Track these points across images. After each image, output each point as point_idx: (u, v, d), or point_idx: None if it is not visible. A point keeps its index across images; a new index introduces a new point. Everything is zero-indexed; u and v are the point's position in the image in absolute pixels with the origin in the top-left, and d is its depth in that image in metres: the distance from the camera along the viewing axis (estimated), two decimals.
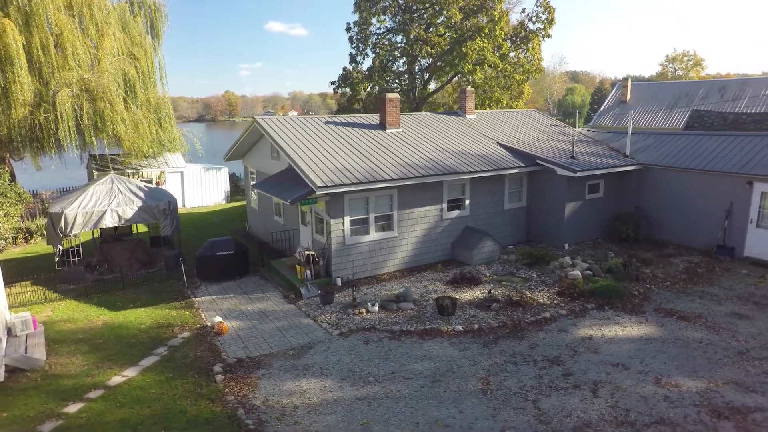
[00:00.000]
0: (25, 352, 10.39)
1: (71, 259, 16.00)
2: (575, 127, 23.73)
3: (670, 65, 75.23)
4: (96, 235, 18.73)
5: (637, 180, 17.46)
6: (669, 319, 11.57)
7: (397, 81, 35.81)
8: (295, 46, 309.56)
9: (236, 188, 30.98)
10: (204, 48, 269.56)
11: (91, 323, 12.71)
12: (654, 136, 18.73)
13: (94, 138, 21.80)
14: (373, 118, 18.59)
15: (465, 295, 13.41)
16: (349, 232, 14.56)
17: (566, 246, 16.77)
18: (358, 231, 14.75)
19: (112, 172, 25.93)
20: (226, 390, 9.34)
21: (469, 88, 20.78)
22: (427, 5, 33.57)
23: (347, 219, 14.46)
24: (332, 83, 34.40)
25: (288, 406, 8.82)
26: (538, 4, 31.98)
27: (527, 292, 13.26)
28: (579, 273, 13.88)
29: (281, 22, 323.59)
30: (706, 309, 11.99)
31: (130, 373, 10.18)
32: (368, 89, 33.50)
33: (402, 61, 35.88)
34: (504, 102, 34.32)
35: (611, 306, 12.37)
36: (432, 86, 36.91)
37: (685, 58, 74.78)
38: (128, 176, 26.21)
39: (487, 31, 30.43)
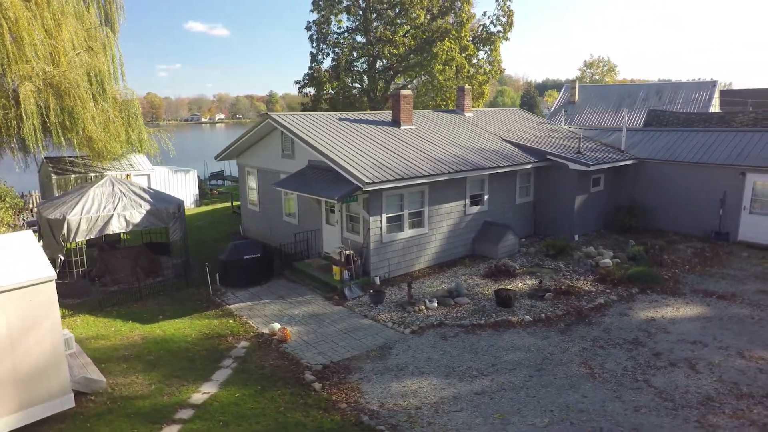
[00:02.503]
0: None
1: (72, 270, 14.31)
2: None
3: (588, 70, 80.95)
4: (82, 244, 16.87)
5: (633, 173, 18.66)
6: (710, 299, 12.49)
7: (357, 82, 35.62)
8: (216, 47, 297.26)
9: (202, 192, 29.27)
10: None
11: (127, 339, 11.48)
12: (642, 132, 20.13)
13: (62, 138, 19.68)
14: (384, 115, 18.39)
15: (509, 286, 13.61)
16: (386, 230, 14.30)
17: (576, 237, 17.54)
18: (392, 228, 14.51)
19: (74, 175, 23.67)
20: (334, 398, 8.83)
21: (467, 86, 21.16)
22: (386, 5, 33.69)
23: (384, 216, 14.19)
24: (297, 82, 33.61)
25: (409, 407, 8.51)
26: (498, 8, 33.20)
27: (568, 281, 13.74)
28: (610, 261, 14.60)
29: (201, 22, 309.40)
30: (735, 288, 13.08)
31: (210, 388, 9.33)
32: (335, 88, 33.02)
33: (362, 61, 35.76)
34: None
35: (651, 290, 13.12)
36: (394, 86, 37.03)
37: (601, 64, 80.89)
38: (91, 179, 23.99)
39: (454, 32, 31.11)
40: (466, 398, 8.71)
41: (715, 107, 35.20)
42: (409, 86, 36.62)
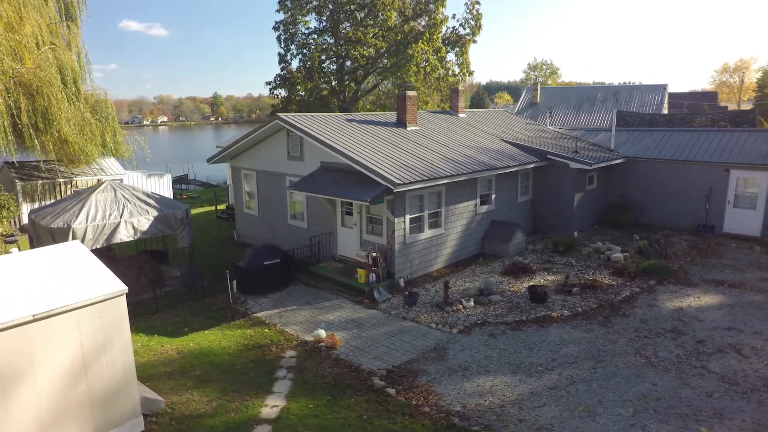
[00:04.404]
0: None
1: None
2: None
3: (533, 72, 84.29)
4: None
5: (622, 171, 19.58)
6: (722, 287, 13.31)
7: (326, 83, 35.17)
8: (155, 47, 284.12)
9: (174, 197, 27.88)
10: None
11: (161, 354, 10.75)
12: (628, 132, 21.15)
13: (36, 141, 18.17)
14: (387, 116, 18.28)
15: (531, 283, 13.90)
16: (409, 231, 14.23)
17: (575, 234, 18.16)
18: (414, 229, 14.46)
19: (41, 181, 21.94)
20: (414, 402, 8.67)
21: (460, 87, 21.41)
22: (354, 7, 33.50)
23: (407, 217, 14.12)
24: (268, 84, 32.71)
25: (492, 406, 8.51)
26: (467, 11, 33.87)
27: (587, 276, 14.21)
28: (621, 255, 15.23)
29: (138, 21, 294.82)
30: (740, 277, 14.00)
31: (276, 401, 8.90)
32: (308, 90, 32.44)
33: (329, 62, 35.35)
34: (430, 104, 35.66)
35: (667, 281, 13.81)
36: (364, 87, 36.89)
37: (544, 67, 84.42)
38: (60, 185, 22.31)
39: (427, 35, 31.42)
40: (543, 393, 8.81)
41: (666, 109, 37.56)
42: (380, 87, 36.66)
